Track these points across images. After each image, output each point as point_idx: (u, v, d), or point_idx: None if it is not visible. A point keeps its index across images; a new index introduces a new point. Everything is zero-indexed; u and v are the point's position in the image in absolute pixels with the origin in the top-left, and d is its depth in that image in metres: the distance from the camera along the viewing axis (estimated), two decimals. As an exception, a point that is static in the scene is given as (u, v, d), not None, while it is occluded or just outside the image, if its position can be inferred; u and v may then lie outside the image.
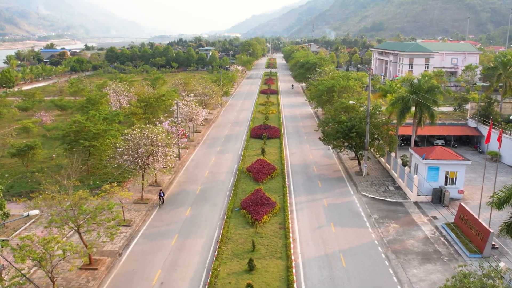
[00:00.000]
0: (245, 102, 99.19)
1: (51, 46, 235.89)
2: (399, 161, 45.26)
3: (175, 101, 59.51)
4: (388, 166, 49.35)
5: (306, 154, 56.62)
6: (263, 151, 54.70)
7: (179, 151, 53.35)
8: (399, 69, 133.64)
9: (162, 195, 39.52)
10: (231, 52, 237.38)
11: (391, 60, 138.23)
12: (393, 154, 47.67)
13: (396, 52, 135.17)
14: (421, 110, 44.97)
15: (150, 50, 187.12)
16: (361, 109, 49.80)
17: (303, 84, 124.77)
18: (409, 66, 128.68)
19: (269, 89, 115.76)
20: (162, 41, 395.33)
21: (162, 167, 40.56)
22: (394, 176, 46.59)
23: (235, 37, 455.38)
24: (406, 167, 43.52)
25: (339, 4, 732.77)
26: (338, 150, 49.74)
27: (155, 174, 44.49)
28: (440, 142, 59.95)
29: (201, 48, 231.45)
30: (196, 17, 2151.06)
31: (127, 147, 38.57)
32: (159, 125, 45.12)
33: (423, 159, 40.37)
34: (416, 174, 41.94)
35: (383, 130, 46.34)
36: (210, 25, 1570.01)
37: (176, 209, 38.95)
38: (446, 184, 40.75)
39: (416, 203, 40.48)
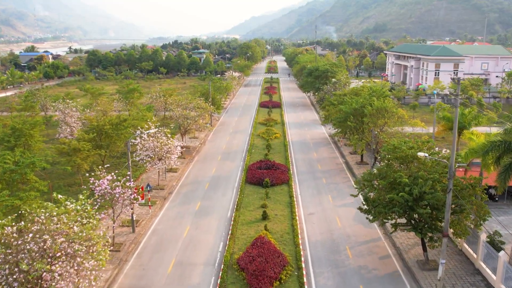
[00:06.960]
0: (241, 120, 79.75)
1: (32, 49, 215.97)
2: (503, 256, 25.78)
3: (136, 133, 40.30)
4: (471, 253, 29.88)
5: (331, 217, 37.24)
6: (264, 216, 35.42)
7: (132, 218, 33.94)
8: (422, 76, 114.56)
9: None
10: (228, 55, 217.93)
11: (412, 66, 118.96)
12: (483, 237, 28.30)
13: (418, 56, 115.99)
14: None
15: (137, 54, 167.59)
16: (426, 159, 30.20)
17: (310, 94, 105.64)
18: (435, 72, 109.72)
19: (270, 101, 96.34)
20: (159, 43, 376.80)
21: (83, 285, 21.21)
22: (488, 277, 27.21)
23: (233, 38, 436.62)
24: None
25: (339, 5, 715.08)
26: (391, 232, 30.06)
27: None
28: (526, 194, 40.74)
29: (195, 50, 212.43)
30: (195, 18, 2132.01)
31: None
32: (85, 190, 25.66)
33: None
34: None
35: (469, 197, 27.06)
36: (209, 26, 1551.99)
37: None
38: None
39: None
